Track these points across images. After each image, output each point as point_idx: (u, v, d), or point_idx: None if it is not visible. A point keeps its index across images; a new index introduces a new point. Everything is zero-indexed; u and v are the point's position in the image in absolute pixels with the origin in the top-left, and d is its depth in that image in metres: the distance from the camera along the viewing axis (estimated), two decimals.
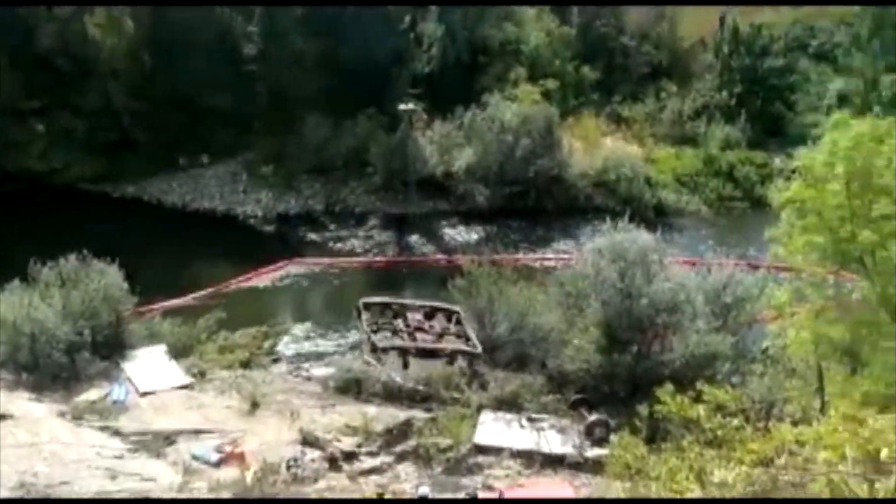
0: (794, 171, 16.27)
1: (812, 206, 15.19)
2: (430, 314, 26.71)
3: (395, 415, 21.59)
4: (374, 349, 24.47)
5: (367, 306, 26.50)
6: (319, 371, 25.05)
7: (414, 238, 39.66)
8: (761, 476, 11.56)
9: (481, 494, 18.84)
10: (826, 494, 11.85)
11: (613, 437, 19.53)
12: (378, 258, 37.44)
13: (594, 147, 42.99)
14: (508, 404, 22.49)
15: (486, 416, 21.90)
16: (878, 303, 15.51)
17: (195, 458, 19.17)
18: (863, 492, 10.77)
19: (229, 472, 18.56)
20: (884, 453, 10.78)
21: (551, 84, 46.00)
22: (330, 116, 42.30)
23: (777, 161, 41.80)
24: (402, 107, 39.97)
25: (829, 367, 19.60)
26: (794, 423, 13.42)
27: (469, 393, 22.77)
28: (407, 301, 28.06)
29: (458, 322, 26.13)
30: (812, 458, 11.68)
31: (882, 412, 11.93)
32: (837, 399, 16.58)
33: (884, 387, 18.18)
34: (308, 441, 20.07)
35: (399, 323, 26.14)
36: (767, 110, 47.05)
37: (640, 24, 51.88)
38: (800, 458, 11.89)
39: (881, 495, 10.32)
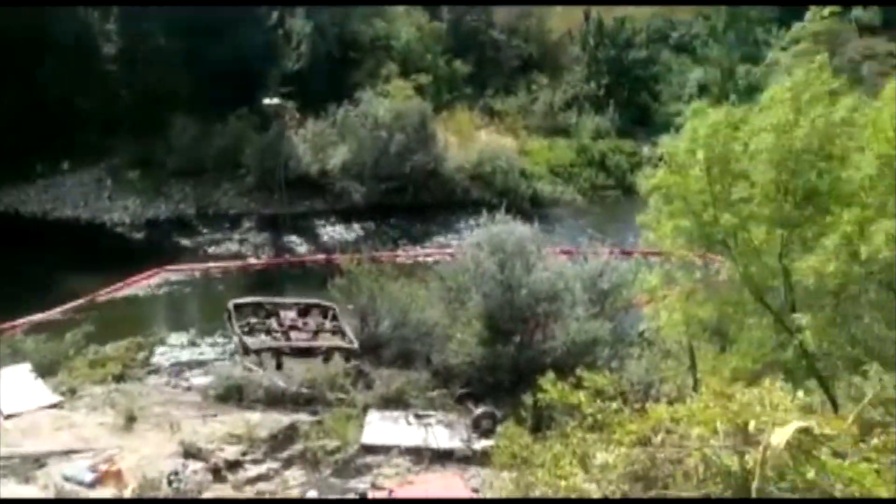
0: (660, 159, 16.79)
1: (677, 191, 15.72)
2: (304, 311, 26.37)
3: (279, 420, 21.19)
4: (247, 351, 23.96)
5: (239, 308, 25.92)
6: (199, 380, 24.31)
7: (292, 238, 39.03)
8: (640, 455, 11.89)
9: (370, 495, 18.72)
10: (701, 468, 12.31)
11: (500, 428, 19.76)
12: (255, 260, 36.66)
13: (469, 140, 43.37)
14: (395, 402, 22.44)
15: (373, 416, 21.78)
16: (742, 282, 16.19)
17: (67, 479, 18.26)
18: (733, 463, 11.23)
19: (105, 492, 17.77)
20: (751, 425, 11.27)
21: (424, 79, 46.14)
22: (199, 117, 41.09)
23: (645, 149, 43.27)
24: (266, 101, 39.05)
25: (700, 346, 20.42)
26: (670, 402, 13.84)
27: (354, 393, 22.60)
28: (280, 300, 27.60)
29: (334, 318, 25.89)
30: (687, 435, 12.10)
31: (749, 386, 12.44)
32: (708, 376, 17.23)
33: (750, 362, 19.02)
34: (190, 453, 19.44)
35: (272, 322, 25.69)
36: (634, 100, 48.63)
37: (508, 18, 52.65)
38: (676, 436, 12.30)
39: (750, 465, 10.77)
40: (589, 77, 49.13)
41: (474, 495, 17.83)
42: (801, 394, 12.11)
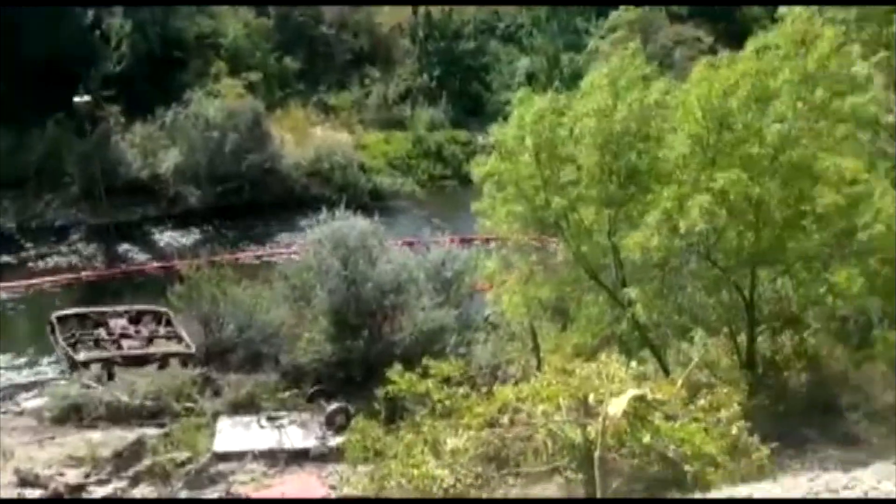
0: (492, 147, 17.26)
1: (508, 178, 16.24)
2: (135, 319, 25.43)
3: (123, 436, 20.35)
4: (74, 365, 22.88)
5: (62, 320, 24.69)
6: (32, 402, 22.96)
7: (125, 247, 37.41)
8: (490, 437, 12.28)
9: None
10: (549, 443, 12.84)
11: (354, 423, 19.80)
12: (87, 273, 34.88)
13: (305, 137, 42.88)
14: (246, 407, 22.03)
15: (224, 423, 21.31)
16: (576, 262, 16.93)
17: None
18: (577, 435, 11.79)
19: None
20: (591, 398, 11.86)
21: (254, 77, 45.20)
22: (13, 124, 38.54)
23: (479, 138, 44.13)
24: (76, 99, 36.84)
25: (542, 325, 21.20)
26: (516, 383, 14.38)
27: (202, 401, 22.00)
28: (107, 308, 26.46)
29: (168, 323, 25.11)
30: (533, 413, 12.58)
31: (589, 361, 13.07)
32: (551, 354, 17.95)
33: (590, 337, 19.95)
34: (27, 481, 18.38)
35: (101, 332, 24.63)
36: (466, 90, 49.48)
37: (337, 12, 52.32)
38: (523, 415, 12.76)
39: (592, 436, 11.34)
40: (421, 69, 49.60)
41: (331, 493, 17.81)
42: (634, 364, 12.89)
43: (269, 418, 21.54)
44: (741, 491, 9.97)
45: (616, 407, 11.39)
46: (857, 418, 16.21)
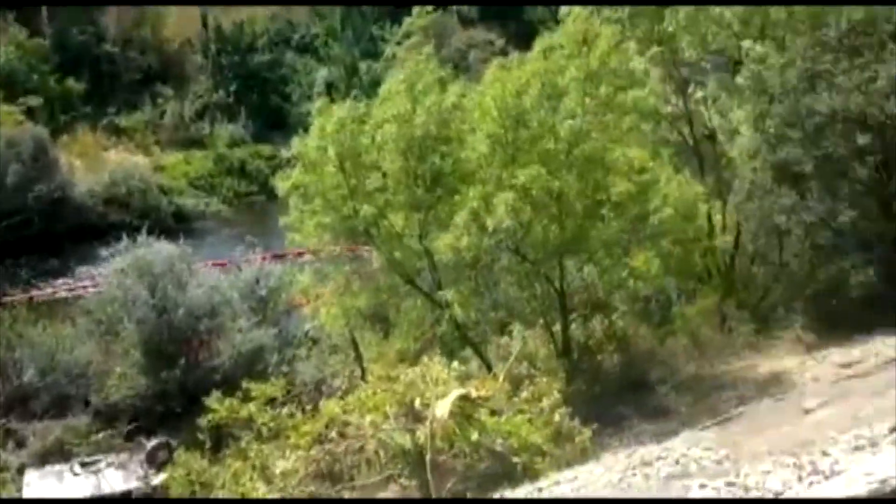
0: (295, 160, 16.97)
1: (314, 189, 16.02)
2: None
3: None
4: None
5: None
6: None
7: None
8: (319, 454, 12.04)
9: None
10: (381, 453, 12.76)
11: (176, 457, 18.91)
12: None
13: (97, 162, 40.68)
14: (55, 455, 20.52)
15: (31, 476, 19.74)
16: (391, 268, 16.95)
17: None
18: (406, 441, 11.78)
19: None
20: (417, 402, 11.89)
21: (34, 101, 42.32)
22: None
23: (284, 151, 43.33)
24: None
25: (364, 335, 21.12)
26: (342, 396, 14.20)
27: (4, 455, 20.31)
28: None
29: None
30: (361, 424, 12.47)
31: (412, 366, 13.10)
32: (374, 363, 17.90)
33: (412, 342, 20.07)
34: None
35: None
36: (266, 104, 48.65)
37: (121, 29, 49.96)
38: (352, 427, 12.62)
39: (421, 440, 11.37)
40: (216, 85, 48.29)
41: None
42: (456, 364, 13.06)
43: (83, 464, 20.15)
44: (567, 475, 10.32)
45: (442, 408, 11.49)
46: (665, 391, 17.14)
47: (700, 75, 22.75)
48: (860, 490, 4.63)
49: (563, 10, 19.55)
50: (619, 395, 17.14)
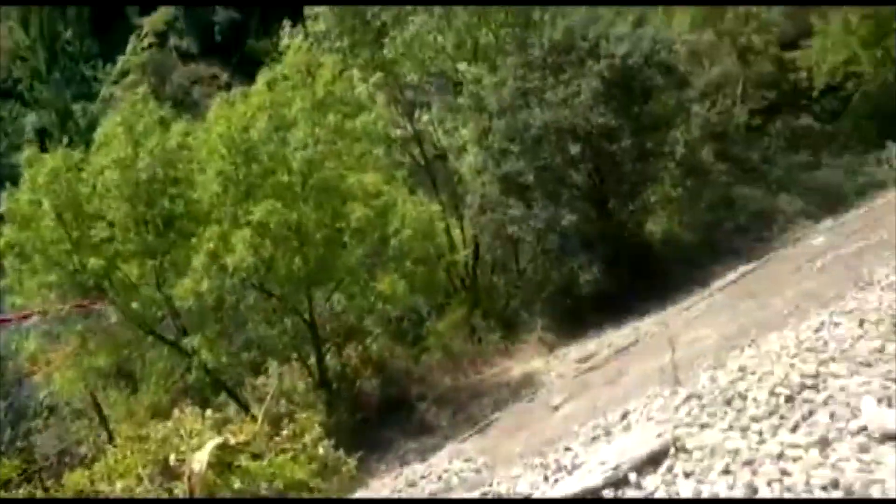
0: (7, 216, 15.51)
1: (32, 247, 14.72)
2: None
3: None
4: None
5: None
6: None
7: None
8: None
9: None
10: None
11: None
12: None
13: None
14: None
15: None
16: (129, 320, 15.95)
17: None
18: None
19: None
20: (171, 458, 11.23)
21: None
22: None
23: None
24: None
25: (108, 394, 19.67)
26: (89, 465, 13.11)
27: None
28: None
29: None
30: (113, 491, 11.56)
31: (165, 420, 12.37)
32: (122, 423, 16.74)
33: (163, 394, 19.00)
34: None
35: None
36: None
37: None
38: (102, 495, 11.67)
39: (182, 495, 10.75)
40: None
41: None
42: (210, 412, 12.47)
43: None
44: None
45: (199, 461, 10.93)
46: (425, 407, 17.47)
47: (424, 97, 23.62)
48: (596, 480, 4.89)
49: (284, 41, 19.49)
50: (382, 419, 17.25)
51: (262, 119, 14.87)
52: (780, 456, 4.75)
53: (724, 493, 4.55)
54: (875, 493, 4.29)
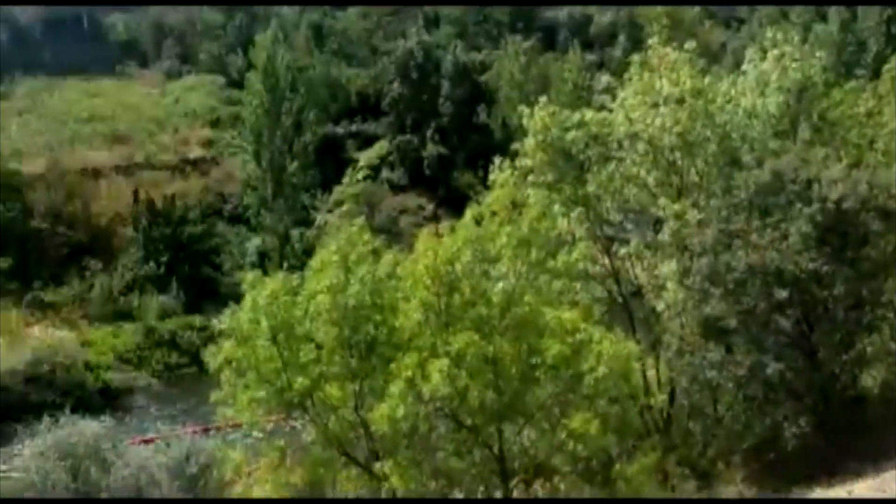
0: (222, 333, 16.74)
1: (247, 363, 15.75)
2: None
3: None
4: None
5: None
6: None
7: None
8: None
9: None
10: None
11: None
12: None
13: (19, 340, 39.40)
14: None
15: None
16: (326, 441, 16.52)
17: None
18: None
19: None
20: None
21: None
22: None
23: (215, 322, 42.81)
24: None
25: None
26: None
27: None
28: None
29: None
30: None
31: None
32: None
33: None
34: None
35: None
36: (198, 274, 48.30)
37: (50, 205, 49.92)
38: None
39: None
40: (147, 257, 47.90)
41: None
42: None
43: None
44: None
45: None
46: None
47: (623, 233, 23.62)
48: None
49: (492, 175, 20.33)
50: None
51: (466, 253, 15.43)
52: None
53: None
54: None
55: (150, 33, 78.86)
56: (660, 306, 21.12)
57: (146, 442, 28.98)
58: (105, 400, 37.59)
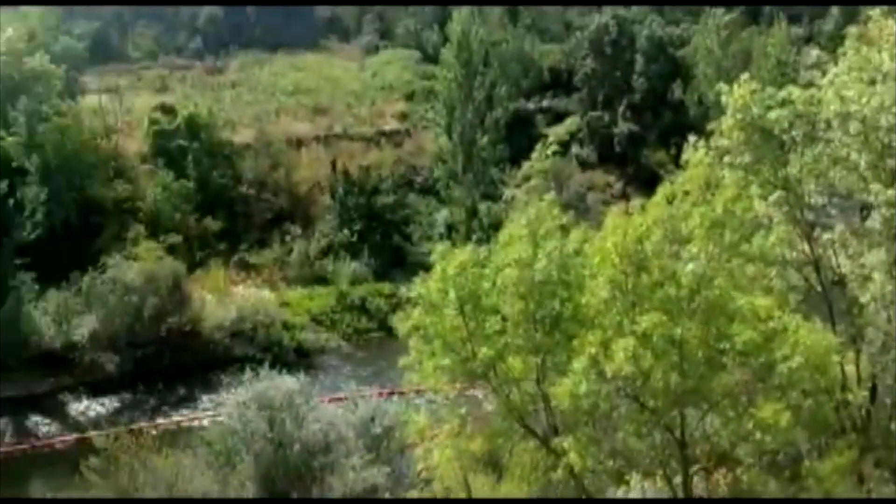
0: (414, 301, 17.27)
1: (434, 331, 16.21)
2: None
3: None
4: None
5: None
6: None
7: (37, 420, 35.73)
8: None
9: None
10: None
11: None
12: None
13: (226, 297, 42.41)
14: None
15: None
16: (506, 411, 16.78)
17: None
18: None
19: None
20: None
21: (174, 239, 44.98)
22: None
23: (403, 290, 44.19)
24: None
25: (475, 478, 20.73)
26: None
27: None
28: None
29: None
30: None
31: None
32: None
33: (525, 487, 19.55)
34: None
35: None
36: (388, 243, 50.04)
37: (257, 173, 53.14)
38: None
39: None
40: (341, 224, 50.14)
41: None
42: None
43: None
44: None
45: None
46: None
47: (825, 218, 22.24)
48: None
49: (685, 154, 19.69)
50: None
51: (657, 232, 15.11)
52: None
53: None
54: None
55: (352, 10, 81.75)
56: (864, 298, 19.76)
57: (336, 400, 30.56)
58: (299, 358, 39.86)
